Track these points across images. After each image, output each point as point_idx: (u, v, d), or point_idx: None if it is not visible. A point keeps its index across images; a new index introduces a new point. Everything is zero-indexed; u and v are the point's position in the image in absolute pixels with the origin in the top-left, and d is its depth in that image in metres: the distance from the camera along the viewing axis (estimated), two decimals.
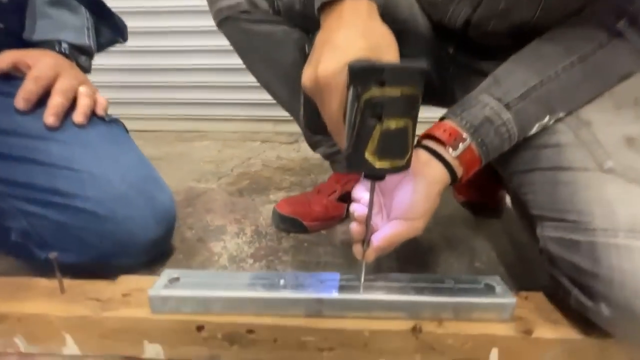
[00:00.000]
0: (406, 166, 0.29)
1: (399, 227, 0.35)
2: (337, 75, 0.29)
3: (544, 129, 0.39)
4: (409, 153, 0.29)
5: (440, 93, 0.58)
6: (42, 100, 0.47)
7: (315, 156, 1.16)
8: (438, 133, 0.37)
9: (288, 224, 0.66)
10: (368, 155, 0.28)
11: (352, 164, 0.29)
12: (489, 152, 0.37)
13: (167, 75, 1.37)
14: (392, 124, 0.27)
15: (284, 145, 1.27)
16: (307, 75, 0.31)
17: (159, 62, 1.35)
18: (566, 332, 0.36)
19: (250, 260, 0.59)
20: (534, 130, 0.39)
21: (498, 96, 0.38)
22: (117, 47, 0.67)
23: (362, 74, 0.26)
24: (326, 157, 0.72)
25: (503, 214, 0.76)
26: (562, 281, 0.36)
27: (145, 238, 0.49)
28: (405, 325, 0.37)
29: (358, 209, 0.35)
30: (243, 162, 1.09)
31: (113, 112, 0.55)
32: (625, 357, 0.36)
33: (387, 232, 0.35)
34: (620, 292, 0.30)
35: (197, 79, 1.36)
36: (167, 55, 1.34)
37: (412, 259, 0.60)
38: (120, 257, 0.49)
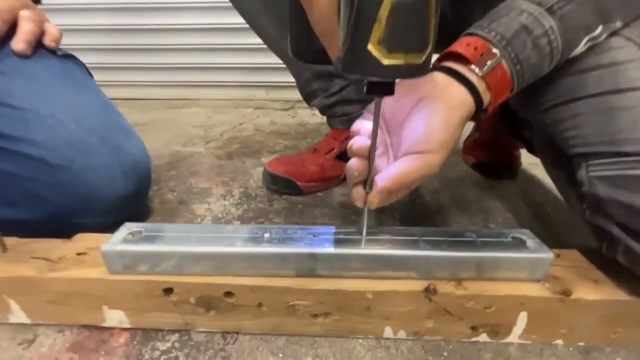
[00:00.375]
0: (424, 67, 0.21)
1: (410, 163, 0.28)
2: None
3: (593, 48, 0.31)
4: (430, 47, 0.21)
5: (455, 30, 0.50)
6: None
7: (312, 121, 1.09)
8: (460, 48, 0.29)
9: (280, 184, 0.59)
10: (372, 47, 0.20)
11: (350, 64, 0.21)
12: (523, 72, 0.30)
13: (154, 37, 1.27)
14: None
15: (279, 112, 1.18)
16: None
17: (145, 21, 1.24)
18: (610, 293, 0.30)
19: (237, 222, 0.52)
20: (582, 46, 0.31)
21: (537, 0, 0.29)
22: (99, 5, 0.58)
23: None
24: (323, 110, 0.64)
25: (517, 175, 0.69)
26: (612, 230, 0.29)
27: (112, 193, 0.42)
28: (416, 285, 0.30)
29: (358, 140, 0.27)
30: (234, 127, 1.01)
31: (96, 79, 0.48)
32: None
33: (395, 170, 0.28)
34: None
35: (186, 41, 1.26)
36: (154, 14, 1.24)
37: (418, 221, 0.54)
38: (83, 215, 0.42)
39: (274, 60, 0.57)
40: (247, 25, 0.59)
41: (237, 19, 0.64)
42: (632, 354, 0.32)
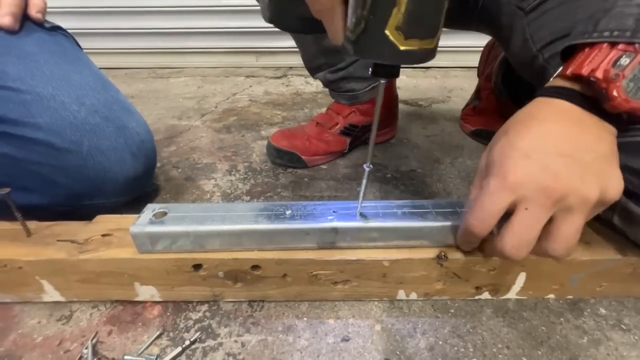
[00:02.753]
0: (434, 52, 0.22)
1: None
2: None
3: None
4: (440, 30, 0.21)
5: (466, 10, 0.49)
6: None
7: (307, 90, 1.07)
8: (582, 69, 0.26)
9: (285, 158, 0.60)
10: (389, 33, 0.20)
11: (365, 48, 0.21)
12: None
13: (135, 0, 1.17)
14: None
15: (272, 80, 1.15)
16: None
17: None
18: (600, 253, 0.34)
19: (247, 198, 0.53)
20: None
21: None
22: None
23: None
24: (327, 83, 0.63)
25: None
26: None
27: (121, 174, 0.43)
28: (428, 253, 0.33)
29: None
30: (228, 97, 0.99)
31: None
32: None
33: None
34: None
35: (169, 2, 1.18)
36: None
37: (420, 190, 0.56)
38: (95, 197, 0.43)
39: (263, 24, 0.53)
40: None
41: None
42: (613, 304, 0.36)
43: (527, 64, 0.42)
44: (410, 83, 1.11)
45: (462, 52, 1.19)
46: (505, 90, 0.66)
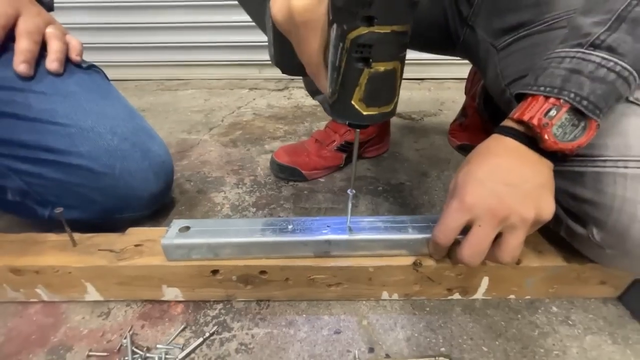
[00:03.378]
0: (392, 113, 0.28)
1: None
2: (316, 8, 0.25)
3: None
4: (397, 98, 0.28)
5: (444, 37, 0.55)
6: (4, 45, 0.42)
7: (307, 103, 1.14)
8: (524, 116, 0.32)
9: (287, 173, 0.67)
10: (354, 103, 0.26)
11: (338, 112, 0.27)
12: (595, 104, 0.30)
13: (145, 16, 1.25)
14: (381, 66, 0.25)
15: (274, 93, 1.22)
16: (278, 8, 0.26)
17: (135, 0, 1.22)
18: (549, 260, 0.40)
19: (253, 209, 0.60)
20: None
21: (575, 42, 0.31)
22: None
23: (347, 9, 0.23)
24: (325, 105, 0.70)
25: None
26: (557, 212, 0.37)
27: (146, 192, 0.49)
28: (406, 260, 0.40)
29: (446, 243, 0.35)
30: (233, 111, 1.06)
31: (85, 58, 0.51)
32: (597, 280, 0.41)
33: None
34: (618, 217, 0.32)
35: (177, 19, 1.25)
36: None
37: (408, 202, 0.63)
38: (124, 211, 0.49)
39: (265, 38, 0.58)
40: (237, 3, 0.57)
41: None
42: (564, 303, 0.43)
43: (499, 95, 0.49)
44: (404, 95, 1.18)
45: (456, 64, 1.26)
46: (486, 111, 0.73)
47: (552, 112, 0.31)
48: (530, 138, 0.33)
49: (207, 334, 0.39)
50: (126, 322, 0.40)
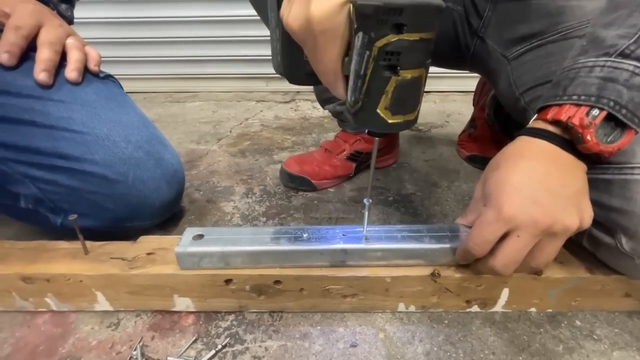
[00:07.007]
0: (415, 120, 0.28)
1: None
2: (335, 16, 0.24)
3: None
4: (419, 106, 0.28)
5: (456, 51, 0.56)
6: (25, 54, 0.43)
7: (314, 115, 1.15)
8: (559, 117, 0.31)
9: (297, 182, 0.67)
10: (380, 111, 0.26)
11: (362, 121, 0.27)
12: (634, 112, 0.29)
13: (154, 30, 1.28)
14: (409, 74, 0.24)
15: (281, 105, 1.23)
16: (295, 17, 0.25)
17: (146, 14, 1.26)
18: (571, 272, 0.39)
19: (263, 219, 0.60)
20: None
21: (601, 52, 0.30)
22: None
23: (376, 17, 0.22)
24: (335, 114, 0.70)
25: None
26: None
27: (158, 200, 0.49)
28: (424, 271, 0.39)
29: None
30: (241, 122, 1.06)
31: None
32: (622, 292, 0.40)
33: None
34: None
35: (186, 34, 1.28)
36: (154, 7, 1.25)
37: (420, 212, 0.62)
38: (135, 220, 0.49)
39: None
40: (247, 18, 0.56)
41: (237, 12, 0.65)
42: (588, 317, 0.41)
43: (512, 104, 0.49)
44: None
45: (461, 77, 1.27)
46: (497, 121, 0.73)
47: (595, 112, 0.29)
48: (565, 140, 0.32)
49: (220, 346, 0.37)
50: (136, 333, 0.39)
